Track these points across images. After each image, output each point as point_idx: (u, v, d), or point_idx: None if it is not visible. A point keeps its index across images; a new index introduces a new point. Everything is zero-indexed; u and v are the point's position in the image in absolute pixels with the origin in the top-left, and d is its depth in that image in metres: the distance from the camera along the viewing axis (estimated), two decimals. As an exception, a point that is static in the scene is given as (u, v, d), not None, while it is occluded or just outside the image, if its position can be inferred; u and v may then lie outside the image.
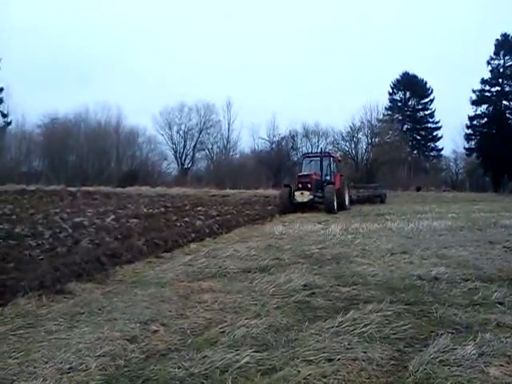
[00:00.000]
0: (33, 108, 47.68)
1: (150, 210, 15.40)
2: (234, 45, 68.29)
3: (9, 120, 43.43)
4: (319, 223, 12.90)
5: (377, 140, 45.48)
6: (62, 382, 3.04)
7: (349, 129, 45.83)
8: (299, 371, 3.22)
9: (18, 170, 32.50)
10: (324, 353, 3.54)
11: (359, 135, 45.81)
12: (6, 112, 43.77)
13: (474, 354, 3.48)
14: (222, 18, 69.19)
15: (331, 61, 69.28)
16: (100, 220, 12.11)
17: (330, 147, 46.14)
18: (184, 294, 5.38)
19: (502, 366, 3.34)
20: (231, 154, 50.82)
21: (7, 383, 3.03)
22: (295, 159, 45.18)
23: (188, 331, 4.12)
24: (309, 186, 17.38)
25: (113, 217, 12.83)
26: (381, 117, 48.99)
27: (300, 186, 17.52)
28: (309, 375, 3.17)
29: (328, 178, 18.77)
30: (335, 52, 72.02)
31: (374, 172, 41.66)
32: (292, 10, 72.94)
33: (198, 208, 16.66)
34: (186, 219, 12.97)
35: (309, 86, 68.33)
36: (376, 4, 75.88)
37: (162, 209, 16.10)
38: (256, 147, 50.73)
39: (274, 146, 48.68)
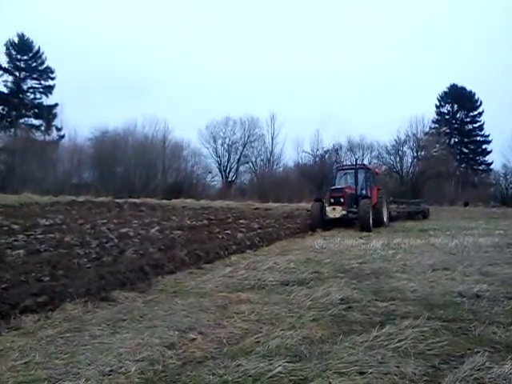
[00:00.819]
0: (85, 122, 49.69)
1: (194, 222, 15.70)
2: (279, 59, 68.89)
3: (62, 134, 45.71)
4: (360, 238, 12.78)
5: (423, 153, 44.55)
6: (103, 383, 3.21)
7: (394, 142, 45.18)
8: (330, 382, 3.26)
9: (69, 182, 33.95)
10: (356, 366, 3.55)
11: (404, 149, 45.07)
12: (59, 126, 46.14)
13: (511, 374, 3.40)
14: (267, 35, 70.17)
15: (375, 73, 68.49)
16: (145, 231, 12.48)
17: (375, 161, 45.65)
18: (222, 305, 5.50)
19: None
20: (275, 167, 51.12)
21: (53, 382, 3.23)
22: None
23: (224, 340, 4.22)
24: (341, 200, 15.98)
25: (157, 228, 13.20)
26: (427, 130, 48.03)
27: (332, 200, 16.20)
28: (341, 387, 3.21)
29: (364, 192, 17.30)
30: (379, 65, 71.14)
31: (420, 186, 40.74)
32: (331, 24, 72.91)
33: (241, 221, 16.84)
34: (228, 231, 13.17)
35: (353, 99, 67.75)
36: (419, 14, 74.53)
37: (205, 221, 16.38)
38: (300, 160, 50.79)
39: (317, 159, 48.57)
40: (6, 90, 45.43)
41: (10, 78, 45.70)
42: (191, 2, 67.36)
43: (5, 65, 45.21)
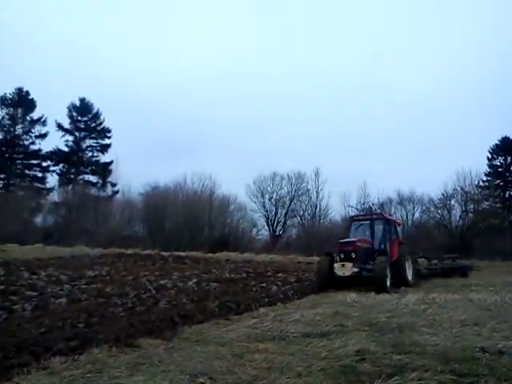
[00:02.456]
0: (137, 177, 52.23)
1: (232, 275, 16.02)
2: (327, 114, 70.16)
3: (116, 189, 48.20)
4: (396, 292, 12.64)
5: (472, 207, 43.39)
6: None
7: (441, 195, 44.39)
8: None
9: (119, 235, 35.37)
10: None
11: (452, 202, 44.14)
12: (114, 182, 48.75)
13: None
14: (311, 89, 72.11)
15: (423, 125, 68.04)
16: (183, 283, 12.92)
17: (425, 216, 44.83)
18: (239, 353, 5.73)
19: None
20: (321, 221, 51.09)
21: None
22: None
23: (231, 385, 4.46)
24: (353, 255, 13.73)
25: (195, 280, 13.61)
26: (476, 183, 46.92)
27: (342, 255, 13.97)
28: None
29: (382, 246, 15.23)
30: (426, 117, 70.72)
31: (470, 240, 39.40)
32: (380, 83, 73.92)
33: (279, 274, 16.98)
34: (264, 285, 13.38)
35: (402, 151, 67.28)
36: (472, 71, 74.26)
37: (244, 274, 16.66)
38: (346, 215, 50.53)
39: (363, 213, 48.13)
40: (66, 149, 48.86)
41: (71, 138, 49.24)
42: (230, 73, 70.61)
43: (67, 126, 48.88)
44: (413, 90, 66.85)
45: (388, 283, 13.30)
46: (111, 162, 49.08)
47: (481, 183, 47.89)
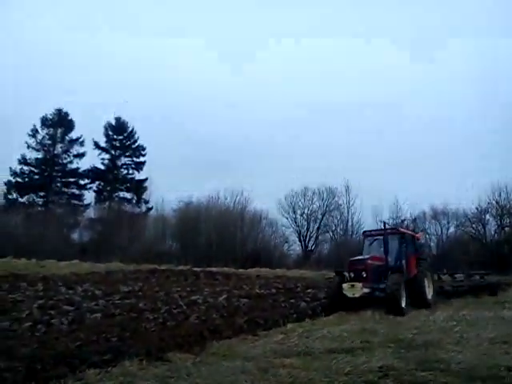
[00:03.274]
0: (171, 193, 53.14)
1: (262, 291, 16.15)
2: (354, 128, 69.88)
3: (150, 206, 49.20)
4: (425, 309, 12.51)
5: (508, 221, 42.30)
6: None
7: (475, 210, 43.49)
8: None
9: (153, 251, 36.01)
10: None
11: (487, 216, 43.17)
12: (148, 199, 49.81)
13: None
14: (343, 107, 72.08)
15: (457, 137, 66.70)
16: (213, 299, 13.16)
17: (459, 230, 43.93)
18: (264, 368, 5.91)
19: None
20: (353, 236, 50.66)
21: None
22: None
23: (255, 399, 4.64)
24: (363, 275, 12.72)
25: (225, 296, 13.82)
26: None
27: (352, 275, 13.00)
28: None
29: (398, 263, 14.01)
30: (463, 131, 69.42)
31: (506, 255, 38.33)
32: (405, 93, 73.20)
33: (308, 290, 17.00)
34: (292, 300, 13.48)
35: (435, 164, 66.01)
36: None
37: (274, 290, 16.76)
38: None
39: (395, 228, 47.54)
40: (103, 167, 50.32)
41: (107, 156, 50.71)
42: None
43: (103, 144, 50.42)
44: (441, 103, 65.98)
45: (403, 303, 12.30)
46: (146, 179, 50.20)
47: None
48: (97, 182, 50.17)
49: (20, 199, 44.63)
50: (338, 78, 72.59)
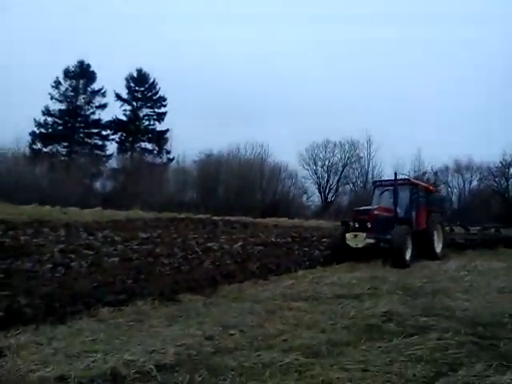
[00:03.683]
0: (192, 145, 53.25)
1: (278, 240, 16.38)
2: (381, 82, 68.07)
3: (171, 156, 49.62)
4: (438, 258, 12.58)
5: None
6: (142, 356, 4.00)
7: (499, 164, 42.59)
8: (329, 373, 3.73)
9: (174, 200, 36.63)
10: (362, 364, 3.98)
11: (511, 171, 42.32)
12: (169, 149, 50.18)
13: (508, 382, 3.61)
14: (366, 55, 69.85)
15: (482, 90, 64.43)
16: (229, 246, 13.43)
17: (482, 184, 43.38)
18: (271, 310, 6.10)
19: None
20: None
21: (108, 353, 4.09)
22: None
23: (259, 337, 4.83)
24: (368, 225, 12.35)
25: (241, 243, 14.09)
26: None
27: (356, 224, 12.64)
28: (337, 378, 3.67)
29: (407, 214, 13.66)
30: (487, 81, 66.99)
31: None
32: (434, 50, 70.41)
33: (324, 239, 17.16)
34: (306, 249, 13.68)
35: (459, 117, 64.32)
36: None
37: (289, 239, 16.97)
38: (400, 182, 49.55)
39: (417, 181, 47.07)
40: (125, 118, 50.61)
41: (129, 107, 50.90)
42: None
43: (125, 96, 50.49)
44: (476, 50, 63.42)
45: (407, 256, 11.91)
46: (167, 130, 50.39)
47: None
48: (119, 133, 50.62)
49: (44, 149, 45.58)
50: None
